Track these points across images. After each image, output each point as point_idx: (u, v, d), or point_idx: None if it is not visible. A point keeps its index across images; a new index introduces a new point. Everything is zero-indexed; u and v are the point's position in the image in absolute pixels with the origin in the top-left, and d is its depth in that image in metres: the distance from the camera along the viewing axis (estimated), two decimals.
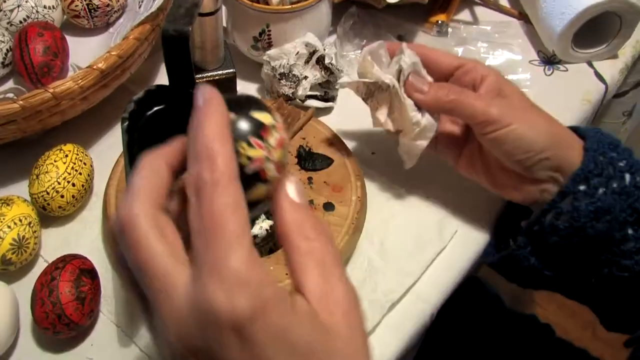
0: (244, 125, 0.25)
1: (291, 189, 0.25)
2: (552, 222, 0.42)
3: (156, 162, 0.25)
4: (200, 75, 0.53)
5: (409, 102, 0.44)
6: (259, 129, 0.25)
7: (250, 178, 0.24)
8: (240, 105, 0.25)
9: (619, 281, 0.43)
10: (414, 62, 0.44)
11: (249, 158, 0.24)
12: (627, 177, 0.41)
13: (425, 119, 0.44)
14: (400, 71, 0.44)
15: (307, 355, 0.23)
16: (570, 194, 0.41)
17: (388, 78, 0.44)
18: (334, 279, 0.24)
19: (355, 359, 0.24)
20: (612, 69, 0.63)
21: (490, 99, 0.43)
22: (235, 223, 0.22)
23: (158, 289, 0.22)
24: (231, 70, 0.54)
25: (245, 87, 0.60)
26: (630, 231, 0.41)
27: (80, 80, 0.47)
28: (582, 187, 0.40)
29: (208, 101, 0.24)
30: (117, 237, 0.24)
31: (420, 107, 0.45)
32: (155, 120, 0.34)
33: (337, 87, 0.58)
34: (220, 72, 0.53)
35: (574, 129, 0.45)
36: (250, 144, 0.24)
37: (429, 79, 0.45)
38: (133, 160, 0.33)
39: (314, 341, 0.23)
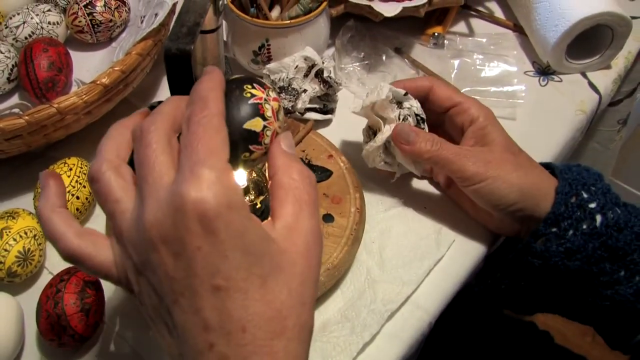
0: (250, 78, 0.32)
1: (284, 142, 0.30)
2: (528, 260, 0.44)
3: (179, 100, 0.30)
4: None
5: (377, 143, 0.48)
6: (262, 85, 0.31)
7: (251, 110, 0.30)
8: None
9: (604, 309, 0.44)
10: (414, 107, 0.48)
11: (252, 95, 0.31)
12: (599, 218, 0.42)
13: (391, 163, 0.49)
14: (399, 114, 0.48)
15: (257, 259, 0.26)
16: (543, 236, 0.43)
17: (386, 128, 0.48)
18: (306, 215, 0.28)
19: (301, 281, 0.27)
20: (605, 80, 0.64)
21: (467, 152, 0.45)
22: (215, 142, 0.26)
23: (149, 182, 0.26)
24: None
25: None
26: (607, 265, 0.43)
27: (84, 96, 0.48)
28: (553, 229, 0.43)
29: (209, 71, 0.30)
30: (135, 139, 0.28)
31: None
32: None
33: (335, 99, 0.59)
34: None
35: (551, 167, 0.47)
36: (253, 87, 0.31)
37: (424, 127, 0.48)
38: None
39: (266, 251, 0.26)
